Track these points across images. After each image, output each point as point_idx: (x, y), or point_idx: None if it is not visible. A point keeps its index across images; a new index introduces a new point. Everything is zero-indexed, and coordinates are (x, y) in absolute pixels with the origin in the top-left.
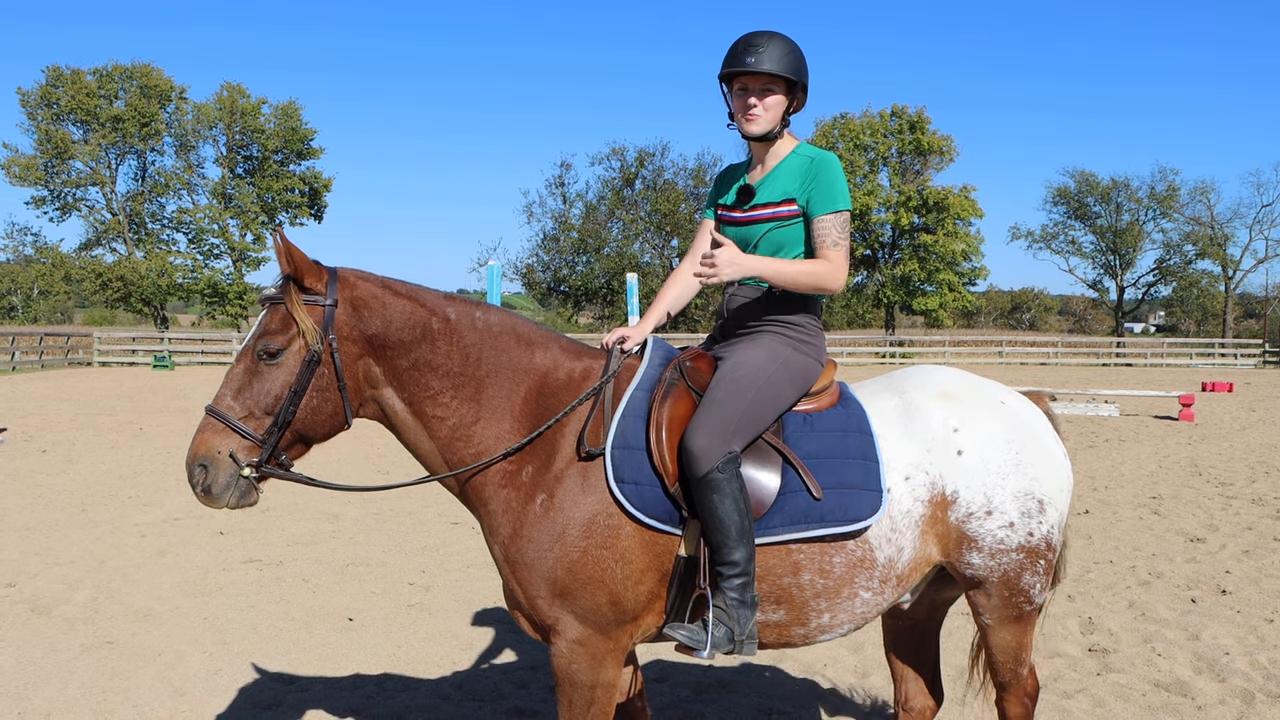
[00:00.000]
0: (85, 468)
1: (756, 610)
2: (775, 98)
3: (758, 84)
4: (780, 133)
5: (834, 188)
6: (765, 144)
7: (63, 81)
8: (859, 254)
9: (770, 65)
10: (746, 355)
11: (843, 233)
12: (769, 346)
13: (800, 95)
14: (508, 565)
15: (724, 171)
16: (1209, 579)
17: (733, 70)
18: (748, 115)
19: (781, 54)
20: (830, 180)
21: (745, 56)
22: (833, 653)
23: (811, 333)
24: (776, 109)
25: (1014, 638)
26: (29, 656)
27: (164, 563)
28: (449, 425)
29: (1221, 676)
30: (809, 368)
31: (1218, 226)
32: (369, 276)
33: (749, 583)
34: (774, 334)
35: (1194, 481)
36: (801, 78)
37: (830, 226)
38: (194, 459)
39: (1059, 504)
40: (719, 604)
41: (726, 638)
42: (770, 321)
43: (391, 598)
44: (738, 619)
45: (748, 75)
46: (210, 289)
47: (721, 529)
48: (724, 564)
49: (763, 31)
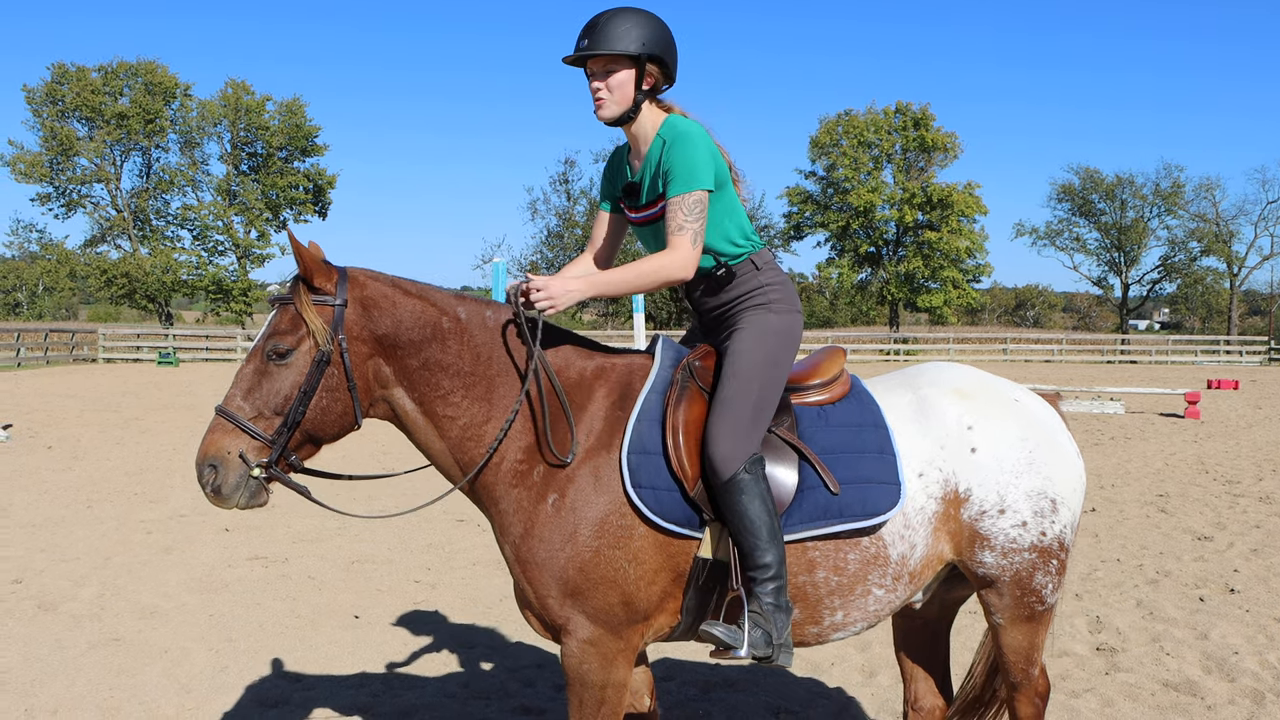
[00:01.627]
0: (91, 464)
1: (791, 615)
2: (619, 75)
3: (599, 66)
4: (636, 113)
5: (680, 167)
6: (629, 127)
7: (68, 79)
8: (863, 251)
9: (606, 46)
10: (738, 344)
11: (690, 214)
12: (752, 324)
13: (655, 69)
14: (519, 565)
15: (611, 156)
16: (1217, 577)
17: (573, 57)
18: (596, 101)
19: (623, 30)
20: (677, 159)
21: (581, 40)
22: (840, 652)
23: (780, 290)
24: (623, 88)
25: (1025, 638)
26: (35, 653)
27: (170, 560)
28: (460, 425)
29: (1231, 676)
30: (793, 323)
31: (1223, 223)
32: (378, 276)
33: (782, 587)
34: (749, 309)
35: (1201, 479)
36: (648, 49)
37: (675, 210)
38: (204, 459)
39: (1072, 504)
40: (755, 609)
41: (764, 640)
42: (738, 299)
43: (397, 595)
44: (775, 623)
45: (590, 59)
46: (215, 285)
47: (753, 530)
48: (756, 568)
49: (606, 11)
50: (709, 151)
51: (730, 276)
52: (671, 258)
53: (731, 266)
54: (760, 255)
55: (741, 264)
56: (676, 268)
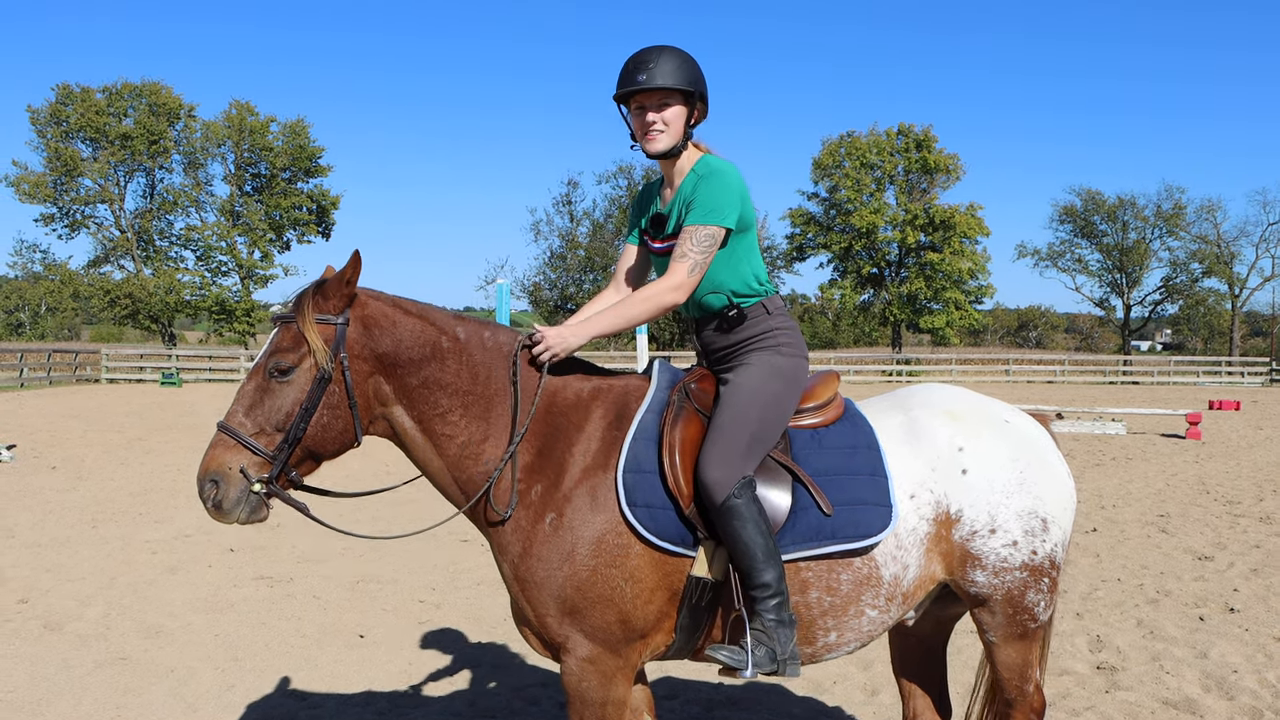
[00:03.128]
0: (95, 484)
1: (795, 628)
2: (674, 110)
3: (654, 100)
4: (684, 147)
5: (705, 200)
6: (671, 161)
7: (72, 99)
8: (865, 272)
9: (664, 79)
10: (743, 378)
11: (697, 245)
12: (759, 364)
13: (699, 105)
14: (517, 584)
15: (642, 191)
16: (1217, 597)
17: (627, 90)
18: (649, 134)
19: (674, 66)
20: (705, 193)
21: (637, 74)
22: (842, 670)
23: (786, 333)
24: (677, 122)
25: (1019, 655)
26: (42, 673)
27: (175, 579)
28: (458, 443)
29: (1230, 694)
30: (799, 369)
31: (1224, 245)
32: (380, 295)
33: (784, 602)
34: (757, 350)
35: (1201, 500)
36: (698, 88)
37: (685, 237)
38: (205, 474)
39: (1063, 523)
40: (757, 626)
41: (768, 657)
42: (747, 340)
43: (403, 615)
44: (778, 639)
45: (643, 93)
46: (218, 306)
47: (748, 553)
48: (756, 587)
49: (653, 47)
50: (739, 193)
51: (741, 318)
52: (665, 283)
53: (743, 308)
54: (772, 300)
55: (753, 307)
56: (668, 292)
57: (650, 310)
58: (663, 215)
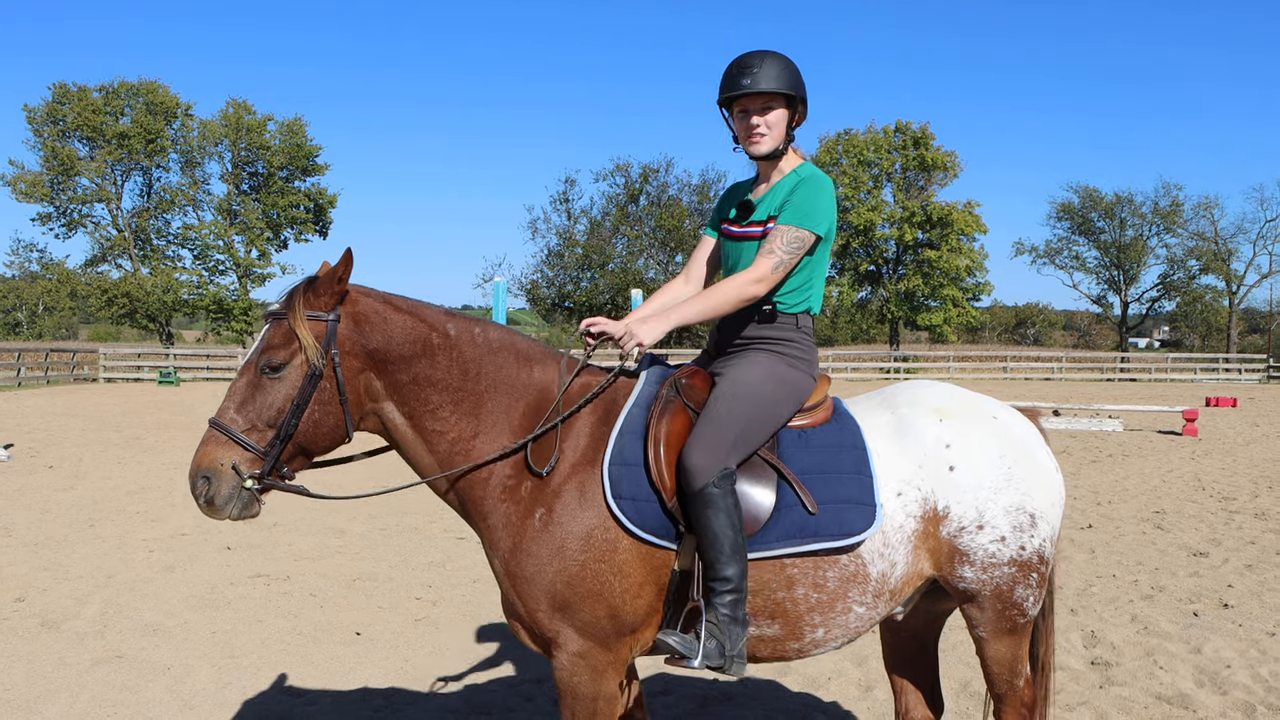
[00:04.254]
0: (92, 483)
1: (747, 629)
2: (777, 113)
3: (757, 104)
4: (785, 149)
5: (803, 203)
6: (772, 162)
7: (69, 98)
8: (863, 269)
9: (768, 84)
10: (743, 373)
11: (787, 246)
12: (764, 364)
13: (800, 109)
14: (508, 579)
15: (731, 188)
16: (1211, 593)
17: (731, 94)
18: (752, 137)
19: (777, 71)
20: (802, 197)
21: (741, 79)
22: (837, 666)
23: (804, 349)
24: (780, 125)
25: (1008, 650)
26: (39, 670)
27: (172, 577)
28: (449, 439)
29: (1223, 689)
30: (802, 383)
31: (1222, 242)
32: (371, 292)
33: (740, 600)
34: (768, 351)
35: (1197, 496)
36: (799, 91)
37: (776, 235)
38: (197, 471)
39: (1051, 518)
40: (712, 619)
41: (718, 651)
42: (763, 340)
43: (399, 612)
44: (728, 635)
45: (747, 97)
46: (215, 305)
47: (715, 545)
48: (717, 579)
49: (755, 52)
50: (833, 203)
51: (771, 318)
52: (749, 275)
53: (779, 311)
54: (805, 319)
55: (787, 315)
56: (751, 284)
57: (733, 301)
58: (751, 203)
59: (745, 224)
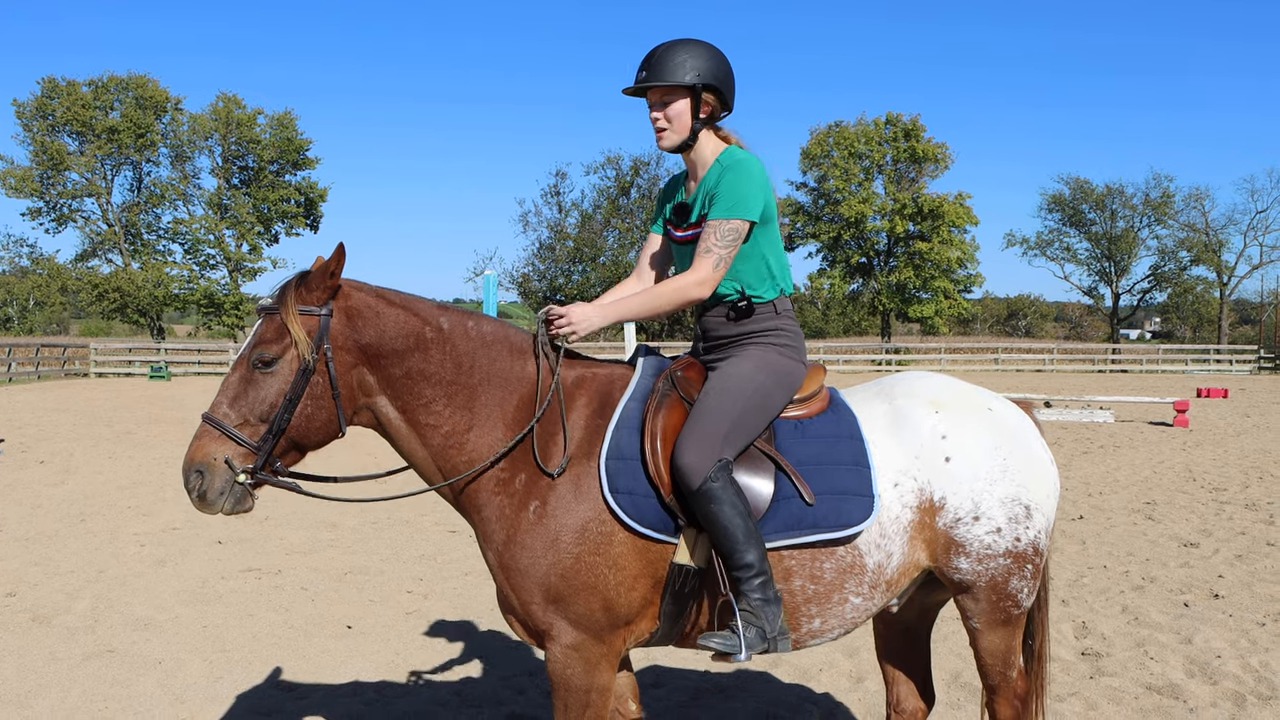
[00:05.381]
0: (83, 478)
1: (781, 605)
2: (676, 105)
3: (656, 97)
4: (694, 140)
5: (728, 193)
6: (688, 154)
7: (58, 93)
8: (854, 262)
9: (662, 78)
10: (733, 367)
11: (722, 240)
12: (753, 356)
13: (711, 98)
14: (502, 572)
15: (669, 182)
16: (1202, 583)
17: (631, 89)
18: (656, 131)
19: (678, 62)
20: (728, 186)
21: (640, 73)
22: (828, 658)
23: (791, 336)
24: (681, 118)
25: (1002, 641)
26: (30, 665)
27: (163, 572)
28: (442, 433)
29: (1213, 679)
30: (794, 370)
31: (1212, 233)
32: (363, 286)
33: (768, 580)
34: (756, 344)
35: (1188, 487)
36: (704, 80)
37: (710, 231)
38: (190, 465)
39: (1046, 509)
40: (744, 607)
41: (759, 637)
42: (748, 335)
43: (390, 605)
44: (766, 617)
45: (649, 90)
46: (206, 299)
47: (728, 536)
48: (739, 568)
49: (664, 43)
50: (762, 185)
51: (749, 311)
52: (691, 278)
53: (754, 302)
54: (783, 301)
55: (764, 304)
56: (693, 286)
57: (675, 302)
58: (686, 205)
59: (685, 227)
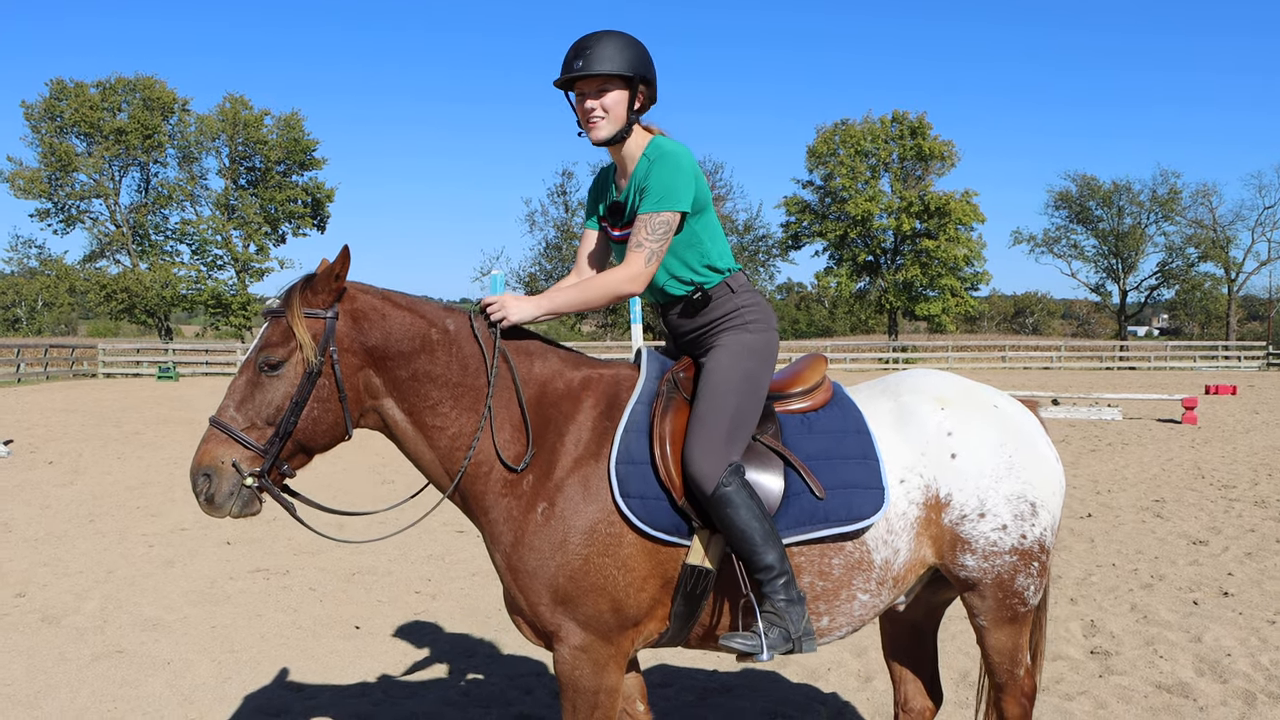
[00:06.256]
0: (92, 479)
1: (805, 604)
2: (613, 95)
3: (593, 87)
4: (628, 133)
5: (657, 186)
6: (618, 147)
7: (66, 94)
8: (861, 260)
9: (601, 66)
10: (713, 362)
11: (653, 233)
12: (728, 345)
13: (643, 90)
14: (509, 573)
15: (597, 176)
16: (1211, 581)
17: (566, 78)
18: (590, 122)
19: (613, 51)
20: (657, 178)
21: (575, 61)
22: (836, 657)
23: (755, 311)
24: (618, 108)
25: (1009, 638)
26: (39, 665)
27: (172, 572)
28: (449, 435)
29: (1223, 678)
30: (769, 342)
31: (1220, 229)
32: (369, 289)
33: (790, 580)
34: (725, 330)
35: (1197, 484)
36: (640, 71)
37: (640, 226)
38: (198, 468)
39: (1051, 507)
40: (768, 609)
41: (782, 638)
42: (714, 322)
43: (398, 606)
44: (790, 617)
45: (582, 80)
46: (214, 300)
47: (746, 538)
48: (760, 570)
49: (593, 33)
50: (690, 174)
51: (706, 300)
52: (622, 273)
53: (707, 291)
54: (735, 278)
55: (717, 287)
56: (625, 282)
57: (605, 297)
58: (619, 203)
59: (621, 226)
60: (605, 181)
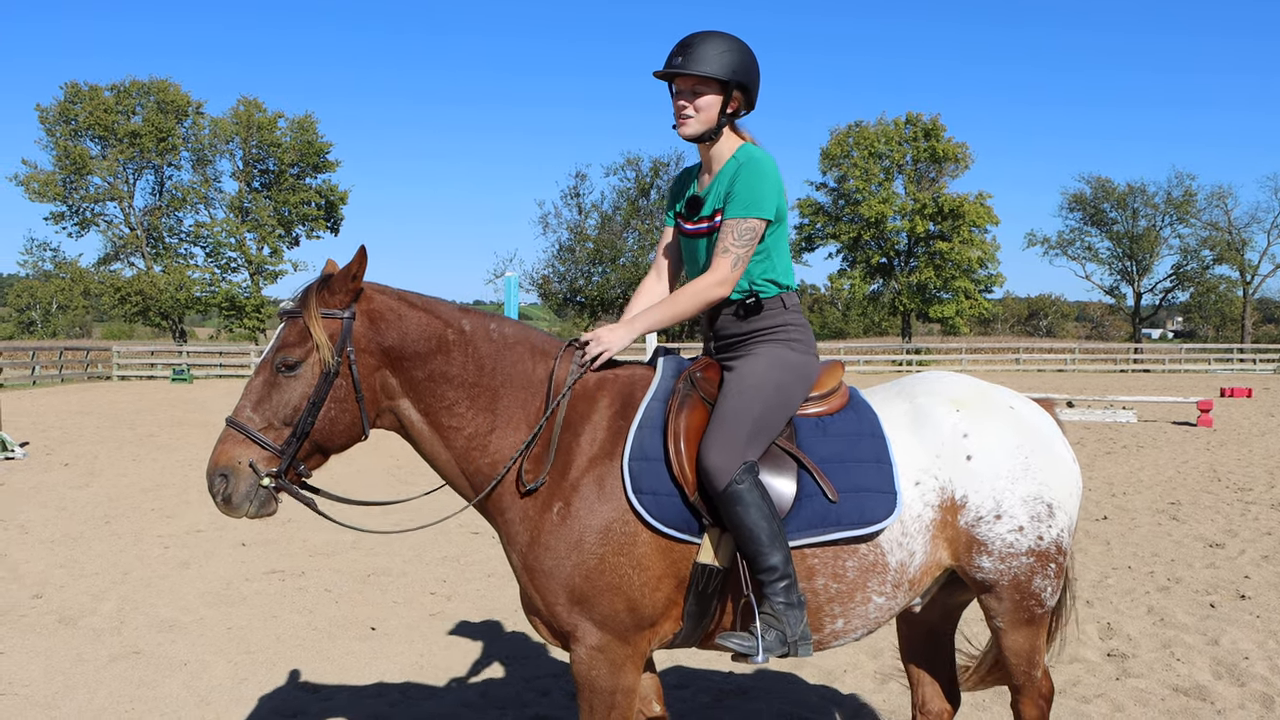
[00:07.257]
0: (107, 481)
1: (804, 609)
2: (706, 98)
3: (688, 85)
4: (718, 135)
5: (745, 192)
6: (707, 146)
7: (81, 98)
8: (875, 262)
9: (698, 66)
10: (748, 366)
11: (739, 239)
12: (767, 354)
13: (739, 95)
14: (526, 573)
15: (680, 174)
16: (1228, 584)
17: (663, 72)
18: (679, 118)
19: (714, 54)
20: (745, 184)
21: (675, 57)
22: (852, 659)
23: (799, 330)
24: (709, 110)
25: (1026, 640)
26: (57, 667)
27: (188, 574)
28: (465, 435)
29: (1241, 681)
30: (808, 364)
31: (1235, 231)
32: (385, 289)
33: (792, 584)
34: (767, 341)
35: (1213, 487)
36: (738, 77)
37: (727, 231)
38: (214, 469)
39: (1068, 508)
40: (766, 610)
41: (779, 641)
42: (758, 332)
43: (413, 607)
44: (788, 621)
45: (679, 77)
46: (228, 302)
47: (753, 538)
48: (763, 571)
49: (700, 32)
50: (777, 185)
51: (758, 308)
52: (710, 279)
53: (761, 299)
54: (790, 296)
55: (771, 299)
56: (713, 287)
57: (697, 305)
58: (699, 198)
59: (695, 220)
60: (687, 179)
